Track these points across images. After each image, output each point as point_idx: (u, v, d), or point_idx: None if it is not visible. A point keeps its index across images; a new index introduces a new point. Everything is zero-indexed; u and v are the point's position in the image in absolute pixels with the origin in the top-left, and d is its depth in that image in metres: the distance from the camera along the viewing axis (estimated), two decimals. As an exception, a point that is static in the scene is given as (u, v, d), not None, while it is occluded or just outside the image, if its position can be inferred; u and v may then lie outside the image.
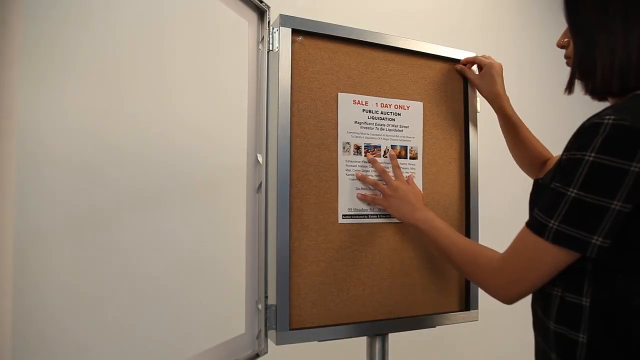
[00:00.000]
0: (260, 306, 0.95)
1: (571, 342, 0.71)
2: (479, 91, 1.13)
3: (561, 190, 0.67)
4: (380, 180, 1.02)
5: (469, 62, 1.13)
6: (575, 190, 0.66)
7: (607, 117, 0.64)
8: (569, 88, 0.80)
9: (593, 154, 0.64)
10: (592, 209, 0.65)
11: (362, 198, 1.01)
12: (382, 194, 1.01)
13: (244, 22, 0.96)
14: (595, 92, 0.76)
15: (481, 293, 1.12)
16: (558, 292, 0.74)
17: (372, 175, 1.03)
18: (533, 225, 0.71)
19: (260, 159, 0.97)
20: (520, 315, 0.87)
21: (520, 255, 0.74)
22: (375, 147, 1.03)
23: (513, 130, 1.12)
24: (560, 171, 0.69)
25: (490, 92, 1.10)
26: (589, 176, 0.65)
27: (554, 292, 0.74)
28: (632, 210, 0.65)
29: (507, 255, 0.77)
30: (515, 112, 1.12)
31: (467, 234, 1.12)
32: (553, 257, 0.69)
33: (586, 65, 0.75)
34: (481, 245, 0.86)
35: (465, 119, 1.14)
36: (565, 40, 0.82)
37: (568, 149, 0.70)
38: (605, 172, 0.64)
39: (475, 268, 0.82)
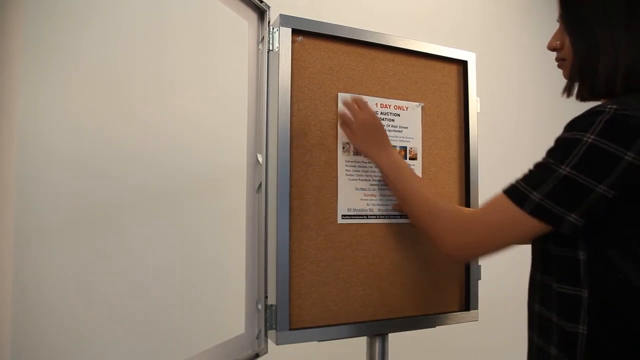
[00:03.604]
0: (260, 306, 0.95)
1: (571, 335, 0.71)
2: None
3: (553, 167, 0.69)
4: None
5: None
6: (567, 169, 0.67)
7: (609, 106, 0.66)
8: (568, 90, 0.80)
9: (593, 136, 0.65)
10: (578, 188, 0.66)
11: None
12: (349, 126, 0.97)
13: (244, 22, 0.96)
14: (595, 94, 0.75)
15: (481, 293, 1.13)
16: (555, 284, 0.74)
17: (373, 179, 1.02)
18: (512, 194, 0.72)
19: (260, 158, 0.97)
20: (520, 314, 0.87)
21: (490, 220, 0.75)
22: (375, 147, 1.03)
23: None
24: (555, 148, 0.70)
25: None
26: (584, 157, 0.66)
27: (552, 285, 0.75)
28: (617, 196, 0.66)
29: (476, 218, 0.78)
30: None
31: (467, 234, 1.12)
32: (524, 227, 0.71)
33: (588, 68, 0.75)
34: (444, 201, 0.87)
35: (465, 119, 1.14)
36: (557, 42, 0.81)
37: (565, 132, 0.70)
38: (601, 155, 0.65)
39: (434, 223, 0.83)
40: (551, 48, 0.83)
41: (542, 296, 0.78)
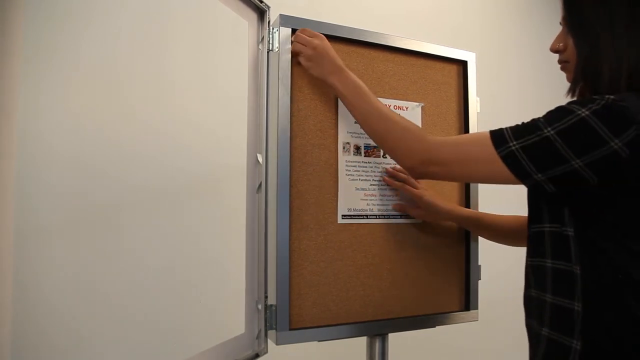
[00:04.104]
0: (260, 306, 0.95)
1: (568, 312, 0.71)
2: (433, 220, 1.07)
3: (540, 125, 0.71)
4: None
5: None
6: (552, 132, 0.69)
7: (608, 96, 0.68)
8: (573, 92, 0.80)
9: (587, 112, 0.67)
10: (554, 154, 0.68)
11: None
12: (303, 55, 0.95)
13: (244, 22, 0.96)
14: (598, 95, 0.76)
15: (481, 293, 1.13)
16: (548, 262, 0.75)
17: (373, 179, 1.02)
18: (496, 135, 0.74)
19: (260, 158, 0.97)
20: (520, 314, 0.87)
21: (464, 148, 0.78)
22: (375, 147, 1.03)
23: (478, 224, 1.06)
24: (551, 112, 0.72)
25: (441, 214, 1.04)
26: (572, 127, 0.68)
27: (546, 263, 0.75)
28: (601, 182, 0.67)
29: (450, 141, 0.81)
30: (469, 210, 1.09)
31: (467, 233, 1.12)
32: (491, 168, 0.74)
33: (591, 69, 0.75)
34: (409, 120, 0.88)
35: (465, 119, 1.14)
36: (561, 44, 0.82)
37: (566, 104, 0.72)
38: (588, 132, 0.67)
39: (404, 136, 0.84)
40: (554, 50, 0.83)
41: (535, 279, 0.79)
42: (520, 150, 0.71)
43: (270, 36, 0.95)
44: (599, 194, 0.70)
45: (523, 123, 0.74)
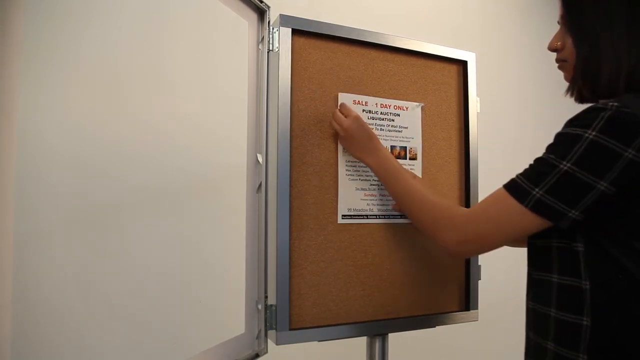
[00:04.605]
0: (260, 306, 0.95)
1: (574, 327, 0.70)
2: None
3: (553, 162, 0.69)
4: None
5: None
6: (568, 164, 0.67)
7: (611, 103, 0.66)
8: (572, 92, 0.80)
9: (594, 133, 0.66)
10: (579, 184, 0.67)
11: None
12: (339, 135, 0.98)
13: (244, 22, 0.96)
14: (597, 95, 0.75)
15: (481, 293, 1.13)
16: (554, 278, 0.74)
17: (373, 179, 1.02)
18: (513, 189, 0.72)
19: (260, 159, 0.97)
20: (520, 314, 0.87)
21: (490, 216, 0.75)
22: (375, 147, 1.03)
23: None
24: (556, 144, 0.71)
25: None
26: (585, 153, 0.66)
27: (551, 279, 0.75)
28: (618, 192, 0.66)
29: (476, 213, 0.78)
30: None
31: (467, 234, 1.12)
32: (525, 223, 0.71)
33: (590, 69, 0.75)
34: (440, 197, 0.88)
35: (465, 119, 1.14)
36: (559, 43, 0.81)
37: (565, 127, 0.71)
38: (602, 151, 0.65)
39: (433, 221, 0.83)
40: (552, 49, 0.83)
41: (536, 292, 0.78)
42: (546, 194, 0.68)
43: (270, 36, 0.95)
44: (611, 202, 0.68)
45: (531, 166, 0.72)
